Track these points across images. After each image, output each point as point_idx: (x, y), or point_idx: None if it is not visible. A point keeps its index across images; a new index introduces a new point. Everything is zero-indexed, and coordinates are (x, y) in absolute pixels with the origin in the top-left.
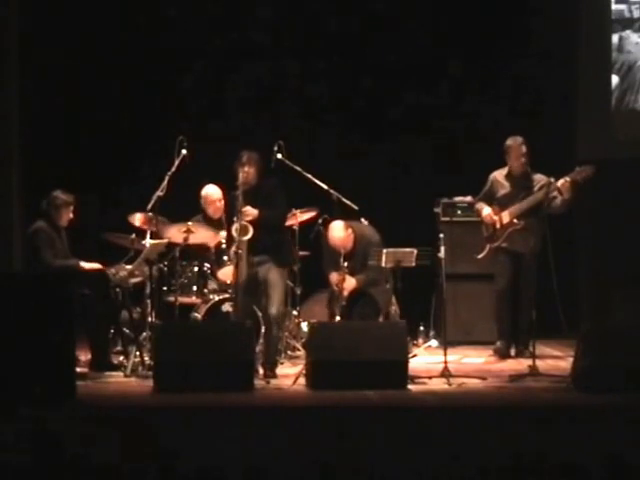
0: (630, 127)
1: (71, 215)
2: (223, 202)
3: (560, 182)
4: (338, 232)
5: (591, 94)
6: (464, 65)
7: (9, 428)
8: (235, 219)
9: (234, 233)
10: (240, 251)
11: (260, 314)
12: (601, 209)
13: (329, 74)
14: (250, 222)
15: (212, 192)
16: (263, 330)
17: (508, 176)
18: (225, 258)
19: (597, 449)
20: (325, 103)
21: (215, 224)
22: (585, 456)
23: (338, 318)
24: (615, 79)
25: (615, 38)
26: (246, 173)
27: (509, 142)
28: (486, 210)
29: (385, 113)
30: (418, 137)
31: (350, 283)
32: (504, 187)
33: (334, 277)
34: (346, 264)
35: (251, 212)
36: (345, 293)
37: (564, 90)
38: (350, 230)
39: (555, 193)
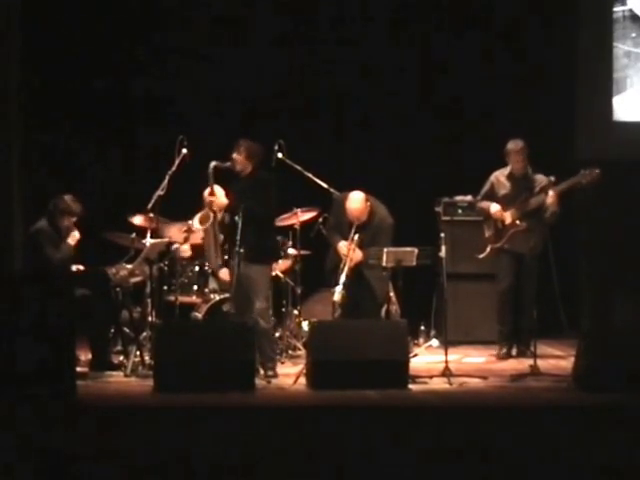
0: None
1: (72, 224)
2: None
3: (549, 196)
4: (357, 203)
5: (591, 94)
6: (464, 65)
7: (9, 428)
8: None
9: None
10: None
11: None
12: (601, 209)
13: (330, 72)
14: (222, 209)
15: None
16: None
17: (509, 177)
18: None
19: (598, 448)
20: (325, 102)
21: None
22: (586, 455)
23: (339, 287)
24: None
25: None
26: (233, 160)
27: (510, 146)
28: (494, 207)
29: (385, 112)
30: (419, 136)
31: (357, 255)
32: (505, 187)
33: (344, 246)
34: (357, 236)
35: (221, 202)
36: (351, 264)
37: (564, 90)
38: (369, 203)
39: (550, 199)
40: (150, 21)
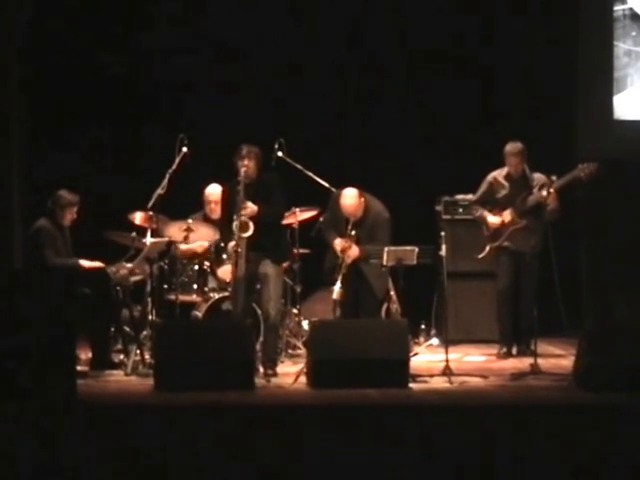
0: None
1: (75, 215)
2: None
3: (549, 193)
4: (351, 199)
5: (592, 93)
6: (463, 65)
7: (9, 427)
8: (236, 215)
9: (235, 229)
10: (240, 249)
11: (260, 312)
12: (602, 208)
13: (330, 73)
14: (250, 218)
15: (211, 192)
16: (262, 327)
17: (507, 177)
18: (225, 256)
19: (598, 447)
20: (325, 100)
21: (213, 223)
22: (586, 454)
23: (338, 285)
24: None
25: None
26: (246, 167)
27: (508, 148)
28: (492, 218)
29: (384, 111)
30: (419, 135)
31: (354, 251)
32: (504, 187)
33: (340, 243)
34: (353, 232)
35: (252, 209)
36: (348, 261)
37: (565, 89)
38: (363, 199)
39: (548, 200)
40: (150, 21)
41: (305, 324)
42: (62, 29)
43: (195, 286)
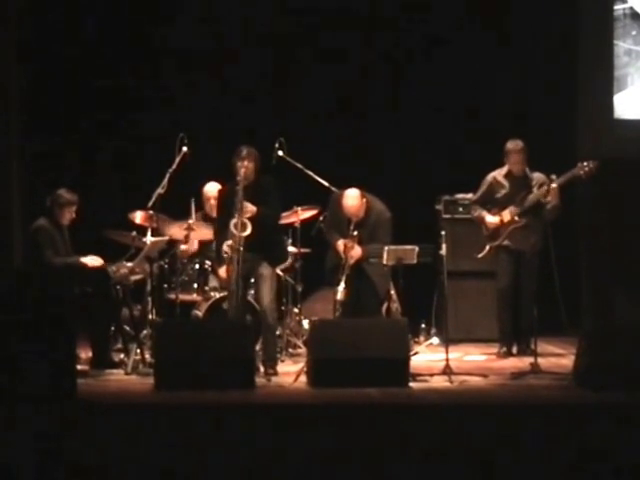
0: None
1: (74, 214)
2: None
3: (550, 190)
4: (353, 200)
5: (592, 92)
6: (464, 63)
7: (9, 427)
8: (236, 214)
9: (233, 229)
10: (241, 247)
11: (259, 308)
12: (602, 207)
13: (331, 72)
14: (248, 219)
15: (209, 190)
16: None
17: (507, 176)
18: (225, 255)
19: (598, 447)
20: (325, 100)
21: (212, 221)
22: (586, 454)
23: (342, 286)
24: None
25: None
26: (245, 168)
27: (509, 146)
28: (490, 218)
29: (385, 110)
30: (419, 134)
31: (356, 252)
32: (504, 187)
33: (342, 244)
34: (355, 232)
35: (250, 209)
36: (351, 261)
37: (565, 88)
38: (365, 200)
39: (548, 198)
40: (149, 20)
41: (306, 323)
42: (62, 27)
43: (195, 285)
